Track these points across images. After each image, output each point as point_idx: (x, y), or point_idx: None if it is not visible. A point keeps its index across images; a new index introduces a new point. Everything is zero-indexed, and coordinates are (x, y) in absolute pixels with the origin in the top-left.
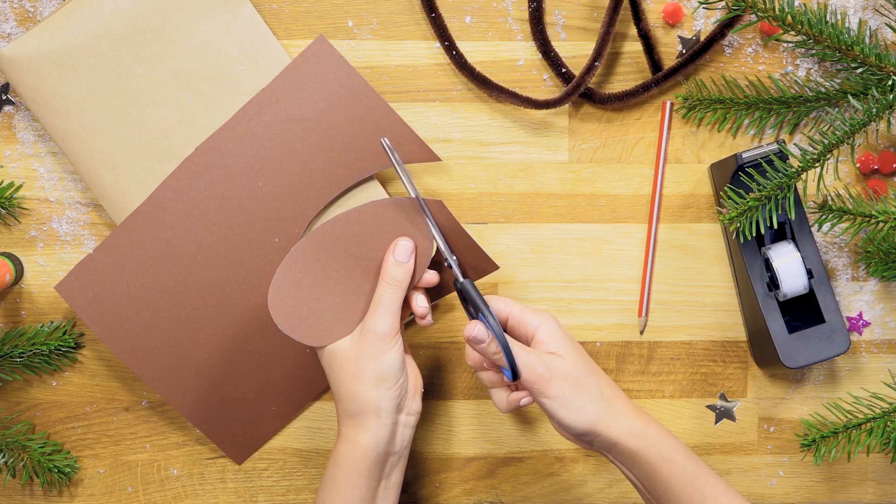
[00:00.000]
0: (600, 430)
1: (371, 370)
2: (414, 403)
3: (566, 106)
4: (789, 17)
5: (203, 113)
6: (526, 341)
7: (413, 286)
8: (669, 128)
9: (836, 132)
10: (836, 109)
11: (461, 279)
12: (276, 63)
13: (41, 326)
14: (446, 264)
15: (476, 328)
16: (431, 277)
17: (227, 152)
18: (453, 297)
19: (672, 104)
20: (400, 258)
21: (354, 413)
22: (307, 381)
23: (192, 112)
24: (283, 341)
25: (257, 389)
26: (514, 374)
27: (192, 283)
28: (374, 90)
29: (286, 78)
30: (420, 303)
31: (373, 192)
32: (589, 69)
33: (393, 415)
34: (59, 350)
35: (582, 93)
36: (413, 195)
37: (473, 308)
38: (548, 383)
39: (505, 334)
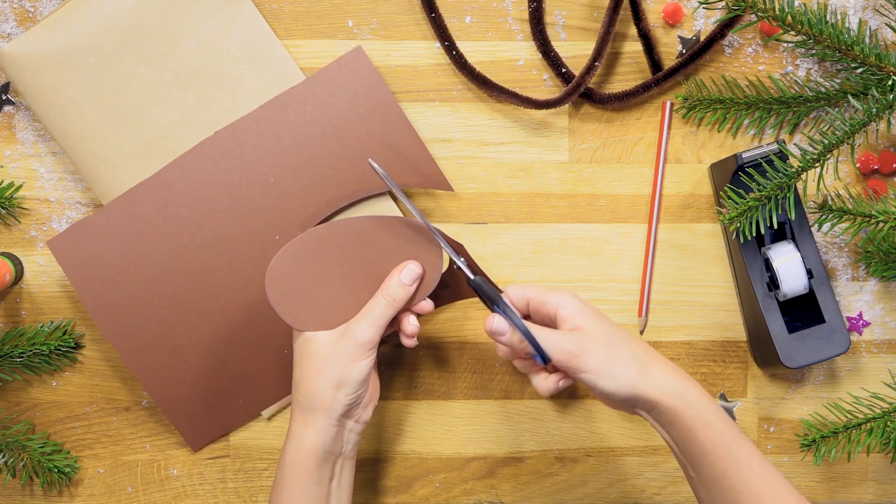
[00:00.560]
0: (640, 393)
1: (336, 372)
2: (365, 413)
3: (566, 106)
4: (789, 17)
5: (204, 112)
6: (550, 321)
7: (407, 308)
8: (669, 128)
9: (836, 132)
10: (836, 109)
11: (472, 277)
12: (277, 62)
13: (41, 326)
14: (455, 267)
15: (495, 321)
16: (426, 306)
17: (246, 142)
18: None
19: (672, 104)
20: (405, 280)
21: (306, 407)
22: (280, 382)
23: (193, 111)
24: (264, 338)
25: (229, 381)
26: (545, 358)
27: (184, 264)
28: (400, 109)
29: (317, 81)
30: (412, 321)
31: (384, 207)
32: (589, 69)
33: (341, 418)
34: (59, 350)
35: (582, 93)
36: (417, 217)
37: (489, 302)
38: (579, 358)
39: (526, 321)
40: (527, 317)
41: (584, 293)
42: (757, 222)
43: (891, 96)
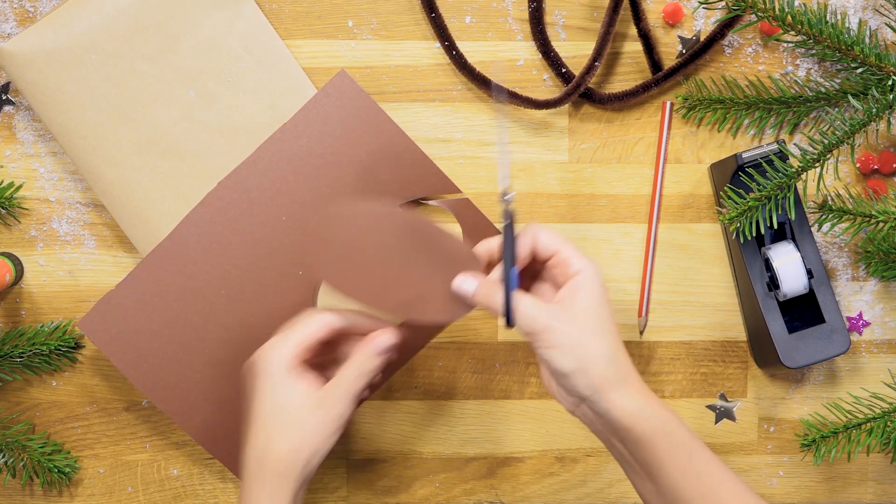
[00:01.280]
0: (601, 389)
1: (310, 447)
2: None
3: (566, 106)
4: (789, 17)
5: (204, 109)
6: (561, 281)
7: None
8: (669, 128)
9: (836, 132)
10: (836, 109)
11: (504, 222)
12: (278, 60)
13: (41, 326)
14: (504, 198)
15: (464, 282)
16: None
17: (250, 187)
18: None
19: (672, 104)
20: (378, 350)
21: (271, 479)
22: None
23: (194, 109)
24: None
25: None
26: (509, 322)
27: (216, 318)
28: (395, 124)
29: (308, 112)
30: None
31: None
32: (589, 69)
33: (304, 484)
34: (59, 350)
35: (582, 93)
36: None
37: (503, 256)
38: (546, 333)
39: (514, 291)
40: (545, 262)
41: None
42: (757, 222)
43: (891, 96)
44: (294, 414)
